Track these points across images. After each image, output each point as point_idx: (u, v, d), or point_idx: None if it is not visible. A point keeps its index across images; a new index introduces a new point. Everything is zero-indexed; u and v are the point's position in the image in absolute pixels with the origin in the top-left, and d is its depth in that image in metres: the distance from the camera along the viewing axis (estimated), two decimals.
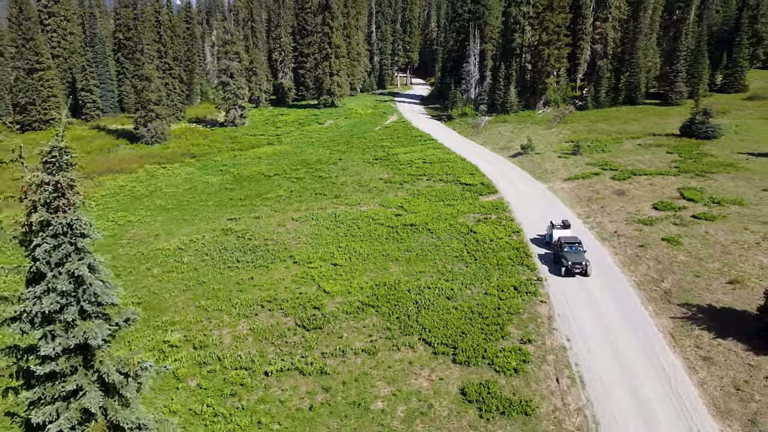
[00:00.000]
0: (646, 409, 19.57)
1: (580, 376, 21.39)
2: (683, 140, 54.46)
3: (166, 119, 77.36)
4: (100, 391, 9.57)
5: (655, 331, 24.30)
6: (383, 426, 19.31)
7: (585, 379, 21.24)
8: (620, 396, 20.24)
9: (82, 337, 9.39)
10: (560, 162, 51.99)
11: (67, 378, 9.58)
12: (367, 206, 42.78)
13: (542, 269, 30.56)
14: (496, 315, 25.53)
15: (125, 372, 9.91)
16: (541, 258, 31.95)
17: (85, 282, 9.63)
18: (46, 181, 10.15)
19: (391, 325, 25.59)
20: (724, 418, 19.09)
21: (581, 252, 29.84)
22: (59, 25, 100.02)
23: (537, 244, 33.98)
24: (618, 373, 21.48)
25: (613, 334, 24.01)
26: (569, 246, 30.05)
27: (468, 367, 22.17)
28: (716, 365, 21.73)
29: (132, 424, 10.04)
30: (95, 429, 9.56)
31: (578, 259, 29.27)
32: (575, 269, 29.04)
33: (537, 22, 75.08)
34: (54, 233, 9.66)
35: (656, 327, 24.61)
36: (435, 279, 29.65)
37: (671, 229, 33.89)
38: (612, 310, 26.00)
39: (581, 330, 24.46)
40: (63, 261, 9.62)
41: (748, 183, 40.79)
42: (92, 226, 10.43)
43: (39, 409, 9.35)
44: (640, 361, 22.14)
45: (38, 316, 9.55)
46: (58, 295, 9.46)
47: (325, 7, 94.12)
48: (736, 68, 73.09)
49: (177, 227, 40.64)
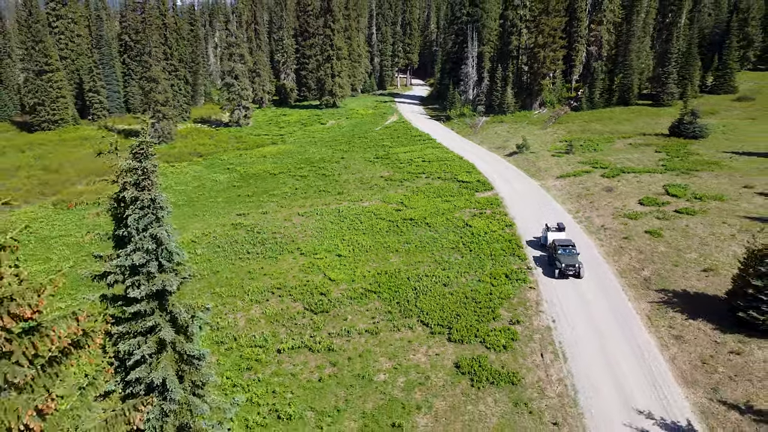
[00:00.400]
0: (621, 380, 21.85)
1: (562, 352, 23.68)
2: (672, 140, 56.74)
3: (172, 120, 79.70)
4: (171, 328, 12.04)
5: (633, 313, 26.59)
6: (385, 394, 21.61)
7: (567, 354, 23.52)
8: (598, 369, 22.53)
9: (161, 284, 11.94)
10: (553, 160, 54.29)
11: (147, 317, 12.13)
12: (368, 202, 45.09)
13: (533, 263, 32.73)
14: (488, 299, 27.83)
15: (191, 313, 12.33)
16: (536, 260, 32.77)
17: (163, 243, 12.17)
18: (135, 167, 12.70)
19: (391, 308, 27.90)
20: (690, 386, 21.39)
21: (575, 254, 30.79)
22: (67, 28, 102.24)
23: (532, 246, 34.73)
24: (597, 350, 23.76)
25: (594, 316, 26.29)
26: (563, 248, 31.02)
27: (462, 344, 24.46)
28: (686, 342, 24.02)
29: (195, 353, 12.48)
30: (167, 357, 12.01)
31: (571, 262, 30.27)
32: (568, 271, 30.10)
33: (533, 25, 77.39)
34: (141, 206, 12.45)
35: (634, 310, 26.91)
36: (432, 268, 31.95)
37: (654, 222, 36.19)
38: (595, 296, 28.28)
39: (566, 312, 26.75)
40: (147, 227, 12.12)
41: (730, 180, 43.07)
42: (168, 201, 12.98)
43: (126, 341, 11.88)
44: (618, 340, 24.42)
45: (128, 269, 12.14)
46: (144, 252, 12.10)
47: (327, 10, 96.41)
48: (725, 70, 75.33)
49: (189, 222, 42.97)
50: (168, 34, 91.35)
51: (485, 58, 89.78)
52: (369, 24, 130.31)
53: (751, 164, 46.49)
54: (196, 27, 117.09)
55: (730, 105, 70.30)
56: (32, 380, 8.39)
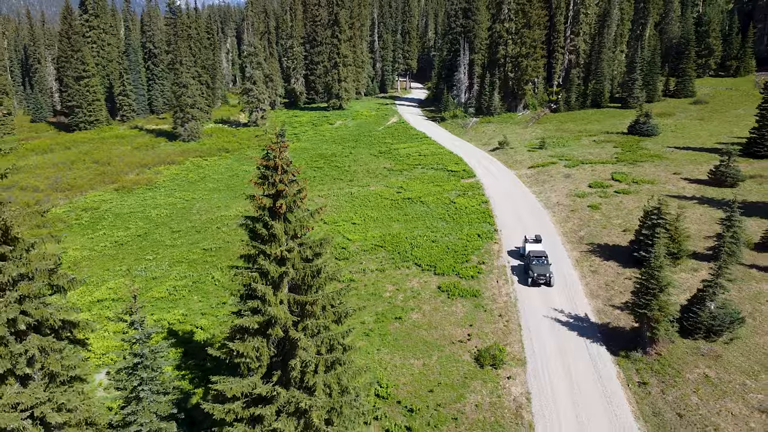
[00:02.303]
0: (547, 295, 32.47)
1: (511, 279, 34.35)
2: (629, 137, 67.33)
3: (199, 120, 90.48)
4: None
5: (567, 258, 37.23)
6: (390, 303, 32.30)
7: (513, 281, 34.19)
8: (534, 289, 33.16)
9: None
10: (528, 154, 64.95)
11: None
12: (374, 187, 55.76)
13: (510, 272, 35.67)
14: (463, 250, 38.51)
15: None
16: (513, 269, 35.83)
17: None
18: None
19: (394, 257, 38.56)
20: (593, 298, 32.04)
21: (546, 265, 33.53)
22: (99, 37, 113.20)
23: (512, 255, 37.73)
24: None
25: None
26: (537, 259, 33.88)
27: (443, 276, 35.14)
28: (598, 274, 34.69)
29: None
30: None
31: (543, 271, 33.06)
32: (540, 280, 32.95)
33: (517, 37, 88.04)
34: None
35: (568, 257, 37.55)
36: (424, 231, 42.62)
37: (596, 199, 46.86)
38: (543, 249, 38.87)
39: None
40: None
41: (665, 168, 53.73)
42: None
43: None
44: (556, 277, 34.98)
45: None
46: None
47: (334, 22, 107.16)
48: (685, 77, 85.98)
49: (232, 202, 53.67)
50: (192, 44, 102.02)
51: (477, 65, 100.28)
52: (371, 32, 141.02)
53: (685, 156, 57.14)
54: (213, 36, 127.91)
55: (687, 107, 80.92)
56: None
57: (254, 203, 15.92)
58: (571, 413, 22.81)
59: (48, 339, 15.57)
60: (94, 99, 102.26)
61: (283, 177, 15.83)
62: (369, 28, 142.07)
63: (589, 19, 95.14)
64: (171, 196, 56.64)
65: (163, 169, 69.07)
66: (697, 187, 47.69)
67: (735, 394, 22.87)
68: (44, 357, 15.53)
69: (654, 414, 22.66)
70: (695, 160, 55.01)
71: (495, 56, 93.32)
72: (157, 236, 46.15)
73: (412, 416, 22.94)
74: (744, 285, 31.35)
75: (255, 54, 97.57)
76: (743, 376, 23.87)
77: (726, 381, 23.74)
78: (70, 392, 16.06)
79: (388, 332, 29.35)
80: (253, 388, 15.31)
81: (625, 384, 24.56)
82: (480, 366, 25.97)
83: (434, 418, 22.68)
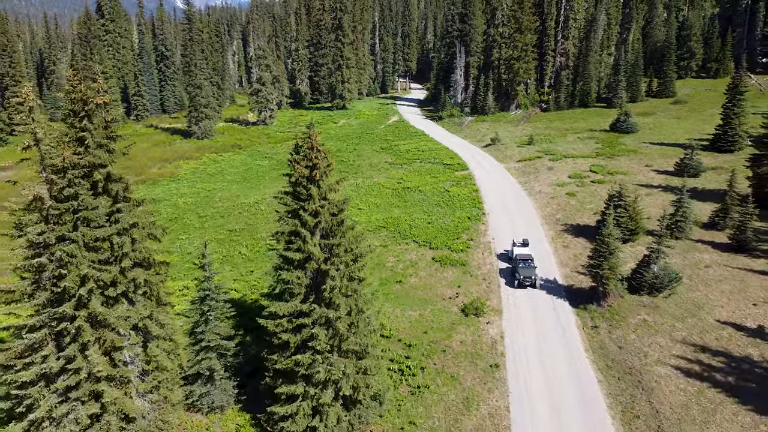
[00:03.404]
0: None
1: (494, 253, 40.44)
2: (610, 134, 73.42)
3: (212, 119, 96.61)
4: None
5: (543, 237, 43.33)
6: (392, 271, 38.42)
7: (497, 253, 40.29)
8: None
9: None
10: (517, 150, 71.05)
11: None
12: (377, 178, 61.87)
13: (499, 275, 37.42)
14: (455, 230, 44.62)
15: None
16: (501, 272, 37.59)
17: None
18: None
19: (395, 235, 44.67)
20: (563, 267, 38.12)
21: (532, 268, 35.06)
22: (114, 41, 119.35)
23: (501, 259, 39.56)
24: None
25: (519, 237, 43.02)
26: (523, 262, 35.49)
27: (437, 250, 41.24)
28: (569, 248, 40.79)
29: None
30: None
31: (529, 274, 34.68)
32: (525, 282, 34.63)
33: (509, 42, 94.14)
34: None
35: (545, 235, 43.66)
36: (421, 215, 48.73)
37: (574, 188, 52.95)
38: (524, 227, 45.00)
39: (501, 236, 43.47)
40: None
41: (638, 162, 59.82)
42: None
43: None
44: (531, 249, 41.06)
45: None
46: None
47: (338, 27, 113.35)
48: (666, 78, 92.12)
49: (249, 191, 59.82)
50: (204, 47, 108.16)
51: (473, 67, 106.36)
52: (372, 35, 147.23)
53: (657, 151, 63.25)
54: (221, 38, 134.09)
55: (667, 107, 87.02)
56: None
57: (295, 173, 21.89)
58: (534, 347, 28.91)
59: (149, 272, 21.74)
60: (112, 99, 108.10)
61: (318, 154, 21.80)
62: (370, 31, 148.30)
63: (577, 23, 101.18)
64: (193, 187, 62.79)
65: (182, 163, 75.20)
66: (663, 177, 53.80)
67: (664, 333, 28.99)
68: (146, 285, 21.70)
69: (600, 347, 28.78)
70: (666, 155, 61.08)
71: (489, 59, 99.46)
72: (186, 220, 52.29)
73: (410, 349, 29.08)
74: (689, 255, 37.46)
75: (264, 57, 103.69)
76: (673, 320, 29.98)
77: (659, 323, 29.85)
78: (163, 312, 22.24)
79: (390, 292, 35.49)
80: (296, 308, 21.41)
81: (581, 327, 30.69)
82: (465, 315, 32.10)
83: (427, 350, 28.81)
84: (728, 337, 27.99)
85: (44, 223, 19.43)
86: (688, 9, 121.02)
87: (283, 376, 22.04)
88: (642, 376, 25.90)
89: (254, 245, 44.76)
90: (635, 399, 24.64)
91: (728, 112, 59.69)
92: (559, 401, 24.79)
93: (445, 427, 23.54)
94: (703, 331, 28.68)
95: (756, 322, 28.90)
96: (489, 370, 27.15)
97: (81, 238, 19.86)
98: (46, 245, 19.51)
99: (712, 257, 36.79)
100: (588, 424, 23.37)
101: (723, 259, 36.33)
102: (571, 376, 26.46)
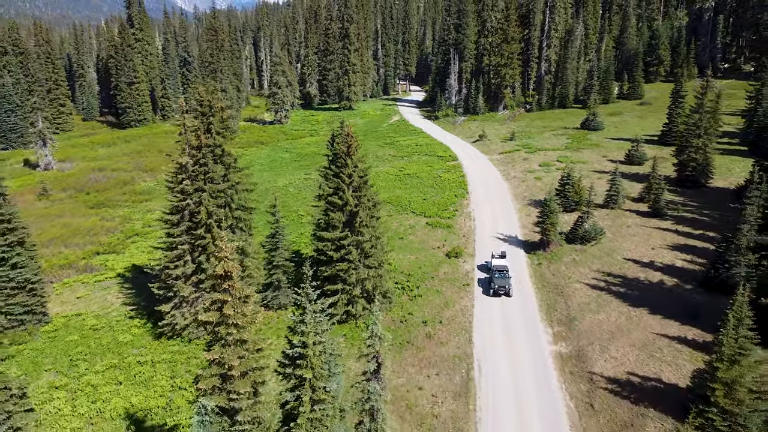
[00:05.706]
0: (497, 225, 51.32)
1: (475, 219, 53.25)
2: (580, 131, 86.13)
3: (235, 119, 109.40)
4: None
5: (512, 210, 56.08)
6: (395, 231, 51.25)
7: (475, 219, 53.10)
8: (488, 223, 52.05)
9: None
10: (500, 144, 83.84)
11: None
12: (382, 168, 74.65)
13: (477, 285, 59.62)
14: (444, 204, 57.44)
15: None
16: (479, 281, 41.05)
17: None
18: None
19: (397, 208, 57.46)
20: (523, 228, 50.88)
21: (507, 278, 38.14)
22: (143, 48, 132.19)
23: (482, 270, 42.88)
24: (491, 218, 53.30)
25: (494, 208, 55.83)
26: (498, 273, 38.51)
27: (430, 218, 54.05)
28: (530, 216, 53.53)
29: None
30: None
31: (503, 284, 37.80)
32: (500, 291, 37.86)
33: (497, 50, 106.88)
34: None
35: (513, 208, 56.43)
36: (418, 194, 61.51)
37: (541, 174, 65.72)
38: (499, 202, 57.79)
39: (480, 207, 56.32)
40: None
41: (598, 153, 72.59)
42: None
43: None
44: (502, 217, 53.76)
45: None
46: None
47: (345, 36, 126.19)
48: (634, 82, 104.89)
49: (277, 177, 72.62)
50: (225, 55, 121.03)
51: (466, 72, 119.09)
52: (375, 41, 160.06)
53: (616, 145, 76.00)
54: (239, 45, 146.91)
55: (634, 108, 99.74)
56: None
57: (337, 149, 34.58)
58: None
59: (245, 213, 34.61)
60: (143, 101, 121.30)
61: (351, 138, 34.53)
62: (373, 37, 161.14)
63: (558, 33, 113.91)
64: None
65: None
66: (615, 165, 66.47)
67: (585, 265, 41.81)
68: (244, 221, 34.59)
69: (540, 275, 41.57)
70: (622, 147, 73.81)
71: (480, 65, 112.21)
72: None
73: (410, 277, 41.89)
74: (617, 219, 50.29)
75: (280, 63, 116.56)
76: (593, 259, 42.79)
77: (583, 261, 42.66)
78: (251, 239, 35.15)
79: (395, 245, 48.29)
80: (337, 235, 34.23)
81: (529, 264, 43.51)
82: (448, 258, 44.92)
83: (422, 277, 41.64)
84: (627, 267, 40.86)
85: (188, 180, 32.33)
86: (663, 19, 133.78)
87: (328, 280, 34.88)
88: (563, 289, 38.77)
89: (288, 215, 57.56)
90: (556, 301, 37.50)
91: (671, 112, 72.38)
92: (508, 302, 37.65)
93: (432, 316, 36.41)
94: (611, 264, 41.54)
95: (648, 259, 41.74)
96: (462, 288, 40.01)
97: (208, 189, 32.75)
98: (188, 193, 32.42)
99: (633, 220, 49.65)
100: (524, 312, 36.24)
101: (641, 222, 49.20)
102: (516, 290, 39.25)
